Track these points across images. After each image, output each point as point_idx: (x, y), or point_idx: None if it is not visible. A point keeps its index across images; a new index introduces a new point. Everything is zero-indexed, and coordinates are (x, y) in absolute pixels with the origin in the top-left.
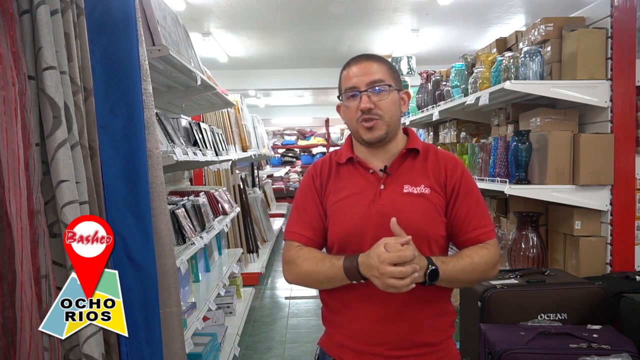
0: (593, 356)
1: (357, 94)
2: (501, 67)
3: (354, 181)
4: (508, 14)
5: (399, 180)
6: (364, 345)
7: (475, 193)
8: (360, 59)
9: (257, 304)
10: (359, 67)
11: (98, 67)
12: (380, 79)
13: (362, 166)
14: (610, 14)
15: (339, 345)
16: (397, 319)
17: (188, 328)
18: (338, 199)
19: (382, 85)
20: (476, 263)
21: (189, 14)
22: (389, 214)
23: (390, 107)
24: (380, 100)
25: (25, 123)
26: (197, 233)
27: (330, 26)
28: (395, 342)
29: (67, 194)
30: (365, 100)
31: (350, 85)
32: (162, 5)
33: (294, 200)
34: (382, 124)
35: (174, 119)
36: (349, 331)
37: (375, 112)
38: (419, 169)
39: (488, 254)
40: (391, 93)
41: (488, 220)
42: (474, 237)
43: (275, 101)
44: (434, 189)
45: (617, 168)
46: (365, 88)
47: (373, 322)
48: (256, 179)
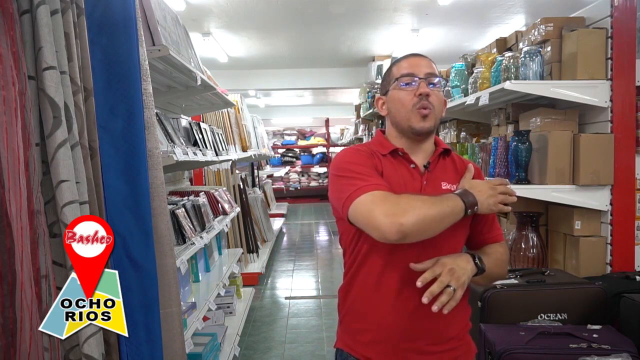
0: (593, 356)
1: (415, 81)
2: (501, 67)
3: (398, 172)
4: (508, 14)
5: (437, 177)
6: (398, 342)
7: None
8: (416, 55)
9: (257, 304)
10: (417, 59)
11: (98, 67)
12: (436, 74)
13: (405, 159)
14: (610, 14)
15: (367, 344)
16: (432, 314)
17: (188, 328)
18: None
19: (439, 79)
20: (500, 259)
21: (189, 14)
22: None
23: (440, 103)
24: (434, 92)
25: (25, 123)
26: (197, 233)
27: (330, 26)
28: (432, 338)
29: (67, 194)
30: (424, 86)
31: (407, 72)
32: (162, 5)
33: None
34: (433, 116)
35: (174, 119)
36: (381, 328)
37: (430, 102)
38: (449, 168)
39: (505, 252)
40: (441, 91)
41: (497, 223)
42: (493, 236)
43: (275, 101)
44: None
45: (617, 168)
46: (423, 76)
47: (408, 319)
48: (256, 179)
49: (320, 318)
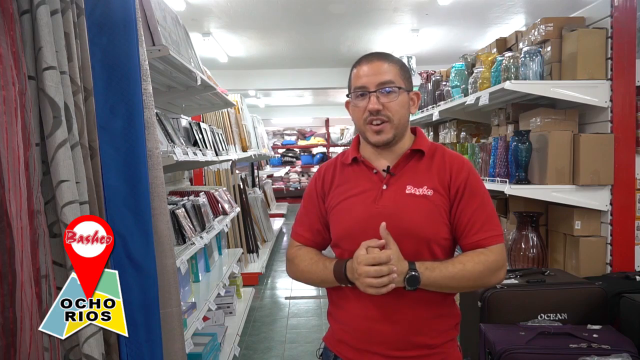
0: (593, 356)
1: (365, 94)
2: (501, 67)
3: (358, 181)
4: (508, 14)
5: (402, 181)
6: (362, 343)
7: (480, 195)
8: (372, 58)
9: (257, 304)
10: (370, 66)
11: (98, 67)
12: (390, 80)
13: (366, 166)
14: (610, 14)
15: (339, 341)
16: (394, 319)
17: (188, 328)
18: (342, 199)
19: (392, 86)
20: (468, 270)
21: (189, 14)
22: (390, 214)
23: (399, 109)
24: (389, 102)
25: (25, 123)
26: (197, 233)
27: (330, 26)
28: (393, 343)
29: (67, 194)
30: (373, 102)
31: (359, 85)
32: (162, 5)
33: (301, 201)
34: (390, 127)
35: (174, 119)
36: (348, 328)
37: (384, 114)
38: (423, 170)
39: (485, 261)
40: (401, 95)
41: (493, 224)
42: (474, 241)
43: (275, 101)
44: (437, 190)
45: (617, 168)
46: (374, 89)
47: (370, 321)
48: (256, 179)
49: (320, 318)
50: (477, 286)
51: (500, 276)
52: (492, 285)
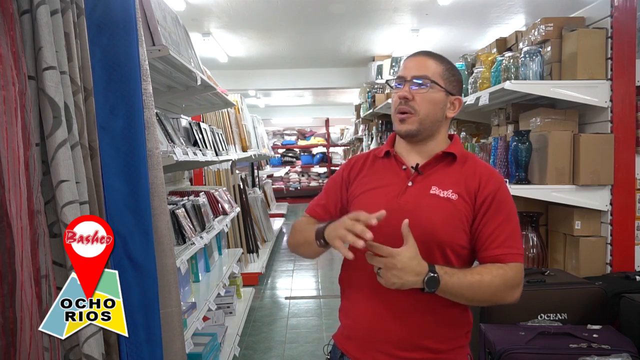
0: (593, 356)
1: (402, 84)
2: (501, 67)
3: (385, 174)
4: (508, 14)
5: (429, 181)
6: (368, 340)
7: (506, 211)
8: (419, 53)
9: (257, 304)
10: (414, 59)
11: (98, 67)
12: (426, 75)
13: (397, 161)
14: (610, 14)
15: (347, 338)
16: (400, 319)
17: (188, 328)
18: (366, 189)
19: (425, 80)
20: (485, 282)
21: (189, 14)
22: (409, 211)
23: (427, 105)
24: (418, 94)
25: (25, 123)
26: (197, 233)
27: (330, 26)
28: (399, 342)
29: (67, 194)
30: (404, 89)
31: (399, 74)
32: (162, 5)
33: (324, 185)
34: (415, 120)
35: (174, 119)
36: (357, 324)
37: (411, 105)
38: (452, 174)
39: (503, 276)
40: (435, 92)
41: (516, 242)
42: (494, 255)
43: (275, 101)
44: (462, 196)
45: (617, 168)
46: (409, 79)
47: (376, 320)
48: (256, 179)
49: (320, 318)
50: (492, 301)
51: (516, 295)
52: (506, 302)
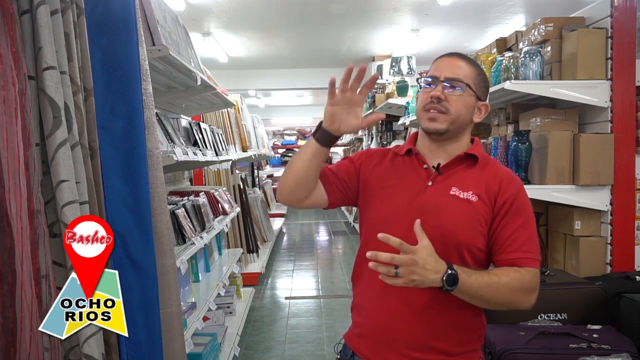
0: (593, 356)
1: (433, 84)
2: (501, 67)
3: (405, 172)
4: (508, 14)
5: (449, 182)
6: (381, 340)
7: (525, 215)
8: (453, 55)
9: (257, 304)
10: (448, 60)
11: (98, 67)
12: (460, 78)
13: (418, 160)
14: (610, 14)
15: (359, 336)
16: (415, 319)
17: (188, 328)
18: (385, 185)
19: (459, 83)
20: (502, 284)
21: (189, 14)
22: (428, 211)
23: (460, 107)
24: (452, 95)
25: (25, 123)
26: (197, 233)
27: (330, 26)
28: (412, 342)
29: (67, 194)
30: (438, 89)
31: (431, 73)
32: (162, 5)
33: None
34: (445, 119)
35: (174, 119)
36: (370, 322)
37: (443, 105)
38: (472, 176)
39: (520, 279)
40: (467, 95)
41: (533, 247)
42: (511, 258)
43: (275, 101)
44: (482, 198)
45: (617, 168)
46: (443, 79)
47: (392, 318)
48: (256, 179)
49: (320, 318)
50: (508, 304)
51: (532, 300)
52: (523, 307)
